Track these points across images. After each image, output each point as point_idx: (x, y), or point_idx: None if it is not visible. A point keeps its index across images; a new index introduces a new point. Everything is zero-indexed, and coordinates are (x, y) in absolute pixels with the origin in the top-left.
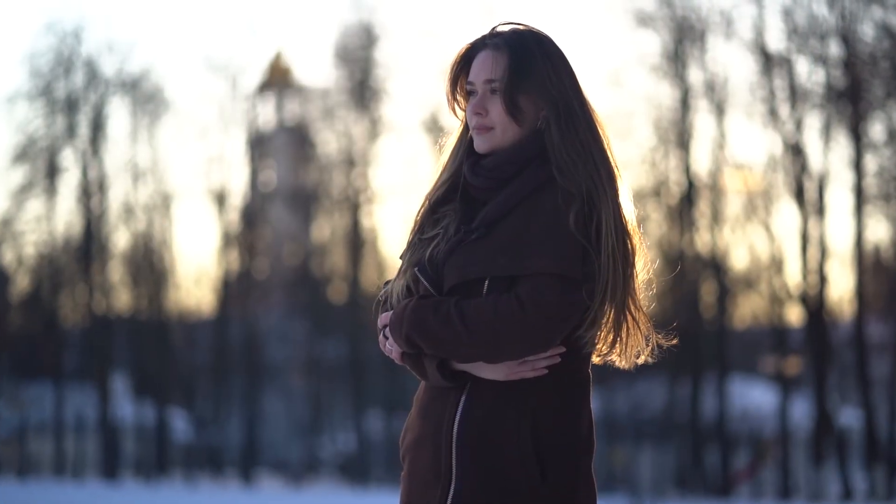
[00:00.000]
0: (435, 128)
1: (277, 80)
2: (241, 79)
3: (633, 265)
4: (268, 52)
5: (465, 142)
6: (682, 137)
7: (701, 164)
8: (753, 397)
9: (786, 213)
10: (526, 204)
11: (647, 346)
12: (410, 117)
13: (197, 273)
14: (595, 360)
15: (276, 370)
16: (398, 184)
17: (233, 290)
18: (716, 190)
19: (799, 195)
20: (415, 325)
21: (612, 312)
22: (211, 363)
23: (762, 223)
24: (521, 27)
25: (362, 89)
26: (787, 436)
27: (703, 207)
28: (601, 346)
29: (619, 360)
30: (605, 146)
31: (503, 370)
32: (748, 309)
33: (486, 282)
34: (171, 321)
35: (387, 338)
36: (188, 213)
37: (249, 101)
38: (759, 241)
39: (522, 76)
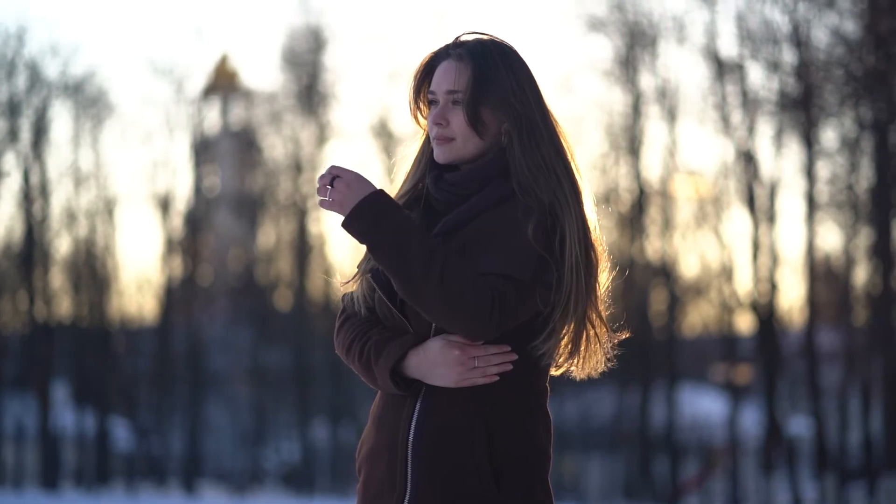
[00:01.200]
0: (384, 133)
1: (223, 83)
2: (187, 83)
3: (595, 277)
4: (214, 56)
5: (427, 152)
6: (633, 144)
7: (652, 170)
8: (703, 406)
9: (737, 221)
10: (486, 215)
11: (606, 356)
12: (359, 122)
13: (139, 279)
14: (554, 371)
15: (220, 378)
16: None
17: (176, 297)
18: (666, 197)
19: (750, 202)
20: (396, 235)
21: (574, 325)
22: (153, 371)
23: (713, 230)
24: (484, 37)
25: (310, 94)
26: (737, 444)
27: (653, 214)
28: (561, 358)
29: (577, 371)
30: (569, 158)
31: (453, 376)
32: (698, 317)
33: None
34: (113, 328)
35: (331, 187)
36: (131, 219)
37: (195, 106)
38: (710, 249)
39: (485, 88)
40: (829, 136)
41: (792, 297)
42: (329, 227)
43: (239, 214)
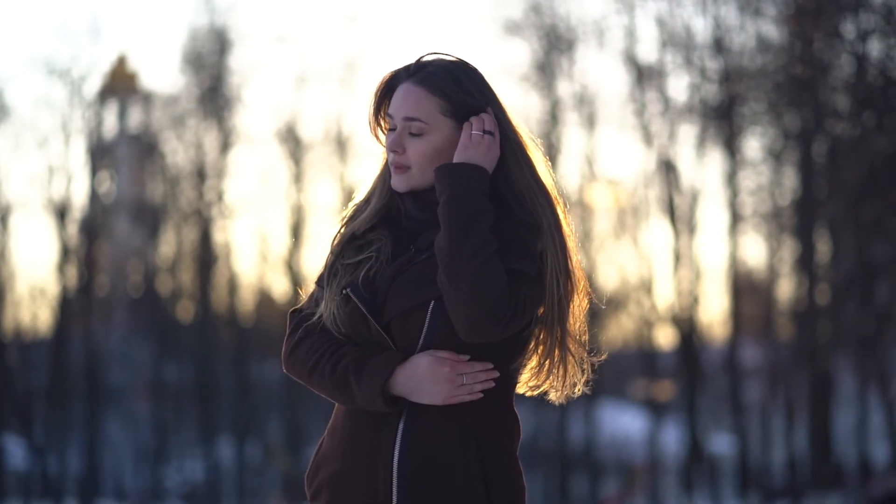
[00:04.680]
0: (290, 138)
1: (122, 85)
2: (84, 84)
3: (573, 302)
4: (111, 56)
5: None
6: (550, 151)
7: (570, 179)
8: (623, 423)
9: (657, 232)
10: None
11: (584, 377)
12: (265, 127)
13: (34, 289)
14: (531, 392)
15: (119, 393)
16: (252, 197)
17: (72, 307)
18: (584, 206)
19: (671, 213)
20: (476, 210)
21: (555, 350)
22: (49, 385)
23: (632, 241)
24: (446, 60)
25: (214, 97)
26: (658, 463)
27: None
28: (538, 380)
29: (554, 394)
30: (544, 179)
31: (442, 393)
32: (617, 331)
33: (433, 303)
34: (6, 341)
35: (482, 133)
36: (26, 226)
37: (92, 108)
38: (629, 261)
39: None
40: (753, 145)
41: (714, 310)
42: (234, 237)
43: (138, 222)
